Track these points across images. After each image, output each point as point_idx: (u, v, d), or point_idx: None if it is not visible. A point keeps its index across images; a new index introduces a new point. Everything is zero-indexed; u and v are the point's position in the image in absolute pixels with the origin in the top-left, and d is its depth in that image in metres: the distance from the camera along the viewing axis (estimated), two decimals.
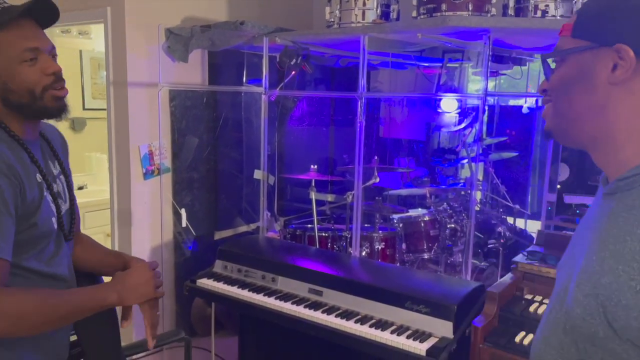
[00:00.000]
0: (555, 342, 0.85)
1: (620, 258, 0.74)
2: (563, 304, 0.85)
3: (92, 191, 4.11)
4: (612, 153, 0.83)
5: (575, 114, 0.85)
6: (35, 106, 1.21)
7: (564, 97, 0.86)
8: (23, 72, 1.18)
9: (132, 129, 2.83)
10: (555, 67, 0.88)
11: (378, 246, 2.81)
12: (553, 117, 0.89)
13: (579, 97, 0.83)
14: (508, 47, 2.89)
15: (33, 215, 1.21)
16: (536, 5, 2.32)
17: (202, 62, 3.14)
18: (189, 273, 2.90)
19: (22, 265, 1.23)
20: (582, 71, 0.83)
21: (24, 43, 1.17)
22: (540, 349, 0.89)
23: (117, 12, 2.77)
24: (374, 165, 2.91)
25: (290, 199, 3.72)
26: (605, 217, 0.81)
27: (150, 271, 1.42)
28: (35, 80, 1.19)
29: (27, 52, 1.18)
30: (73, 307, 1.23)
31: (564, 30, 0.87)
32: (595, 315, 0.76)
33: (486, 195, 3.40)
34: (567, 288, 0.84)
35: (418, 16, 2.40)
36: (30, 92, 1.19)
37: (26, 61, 1.18)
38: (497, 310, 1.90)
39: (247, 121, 3.39)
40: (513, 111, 3.66)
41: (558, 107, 0.88)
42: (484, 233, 3.05)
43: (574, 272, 0.84)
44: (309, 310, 2.09)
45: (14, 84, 1.18)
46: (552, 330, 0.87)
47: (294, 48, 2.74)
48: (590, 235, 0.84)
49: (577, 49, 0.83)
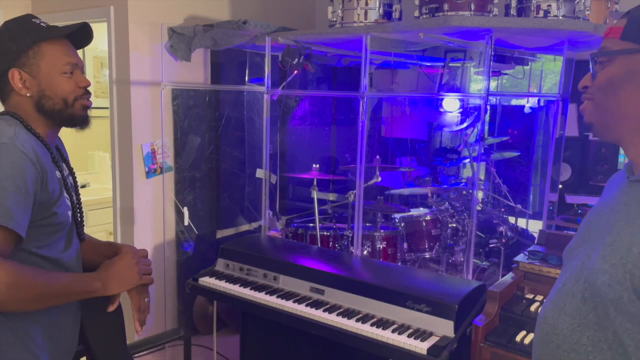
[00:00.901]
0: (571, 309, 0.94)
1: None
2: (580, 278, 0.94)
3: (95, 189, 4.12)
4: None
5: (620, 111, 0.93)
6: (65, 113, 1.37)
7: (611, 95, 0.94)
8: (61, 82, 1.35)
9: (135, 128, 2.84)
10: (598, 66, 0.96)
11: (380, 245, 2.81)
12: (595, 112, 0.98)
13: (626, 94, 0.92)
14: (510, 47, 2.89)
15: (54, 205, 1.31)
16: (538, 5, 2.32)
17: (204, 61, 3.15)
18: (191, 271, 2.92)
19: (40, 253, 1.31)
20: (630, 71, 0.91)
21: (65, 58, 1.35)
22: (554, 317, 0.97)
23: (120, 11, 2.78)
24: (375, 164, 2.92)
25: (292, 198, 3.73)
26: (636, 201, 0.90)
27: (133, 259, 1.46)
28: (70, 91, 1.36)
29: (67, 66, 1.35)
30: (60, 288, 1.29)
31: (611, 33, 0.95)
32: (622, 281, 0.84)
33: (488, 195, 3.41)
34: (586, 264, 0.93)
35: (420, 16, 2.41)
36: (64, 100, 1.36)
37: (65, 73, 1.35)
38: (498, 309, 1.91)
39: (249, 120, 3.40)
40: (515, 111, 3.66)
41: (603, 103, 0.96)
42: (486, 233, 3.05)
43: (594, 250, 0.93)
44: (310, 308, 2.10)
45: (51, 92, 1.34)
46: (566, 301, 0.95)
47: (296, 47, 2.75)
48: (614, 217, 0.92)
49: (627, 50, 0.91)
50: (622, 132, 0.96)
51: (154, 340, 2.11)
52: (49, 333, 1.36)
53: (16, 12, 3.17)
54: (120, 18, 2.78)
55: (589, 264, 0.93)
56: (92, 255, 1.56)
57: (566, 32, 2.33)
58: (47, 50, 1.33)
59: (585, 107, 1.00)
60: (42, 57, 1.32)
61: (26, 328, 1.30)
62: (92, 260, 1.56)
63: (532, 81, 3.62)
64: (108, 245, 1.59)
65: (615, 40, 0.94)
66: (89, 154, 4.32)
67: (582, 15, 2.34)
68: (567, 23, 2.29)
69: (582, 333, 0.92)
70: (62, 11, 3.07)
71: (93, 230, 3.70)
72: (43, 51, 1.32)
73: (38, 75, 1.32)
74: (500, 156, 3.34)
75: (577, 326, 0.92)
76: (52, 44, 1.34)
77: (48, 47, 1.33)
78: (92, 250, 1.57)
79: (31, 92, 1.33)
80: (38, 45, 1.32)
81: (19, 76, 1.31)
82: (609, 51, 0.95)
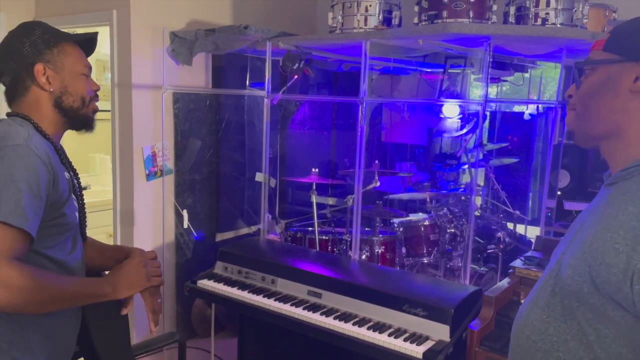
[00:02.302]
0: (542, 302, 1.00)
1: (610, 228, 0.89)
2: (552, 274, 1.01)
3: (96, 191, 4.14)
4: (621, 149, 0.98)
5: (598, 115, 1.00)
6: (80, 112, 1.44)
7: (590, 102, 1.01)
8: (81, 82, 1.43)
9: (136, 131, 2.86)
10: (583, 76, 1.04)
11: (378, 250, 2.83)
12: (575, 120, 1.05)
13: (604, 100, 0.99)
14: (509, 54, 2.91)
15: (63, 206, 1.35)
16: (537, 14, 2.34)
17: (205, 65, 3.17)
18: (190, 274, 2.93)
19: (47, 255, 1.33)
20: (609, 79, 0.99)
21: (84, 61, 1.45)
22: (527, 310, 1.04)
23: (122, 15, 2.81)
24: (374, 169, 2.93)
25: (292, 202, 3.74)
26: (603, 202, 0.97)
27: (140, 262, 1.49)
28: (87, 91, 1.45)
29: (85, 68, 1.45)
30: (74, 292, 1.32)
31: (597, 45, 1.03)
32: (582, 274, 0.91)
33: (487, 201, 3.42)
34: (560, 261, 1.00)
35: (419, 22, 2.43)
36: (82, 99, 1.44)
37: (84, 74, 1.44)
38: (494, 314, 1.92)
39: (249, 124, 3.42)
40: (515, 117, 3.68)
41: (583, 111, 1.03)
42: (484, 238, 3.07)
43: (568, 248, 0.99)
44: (307, 312, 2.11)
45: (72, 89, 1.41)
46: (539, 293, 1.03)
47: (297, 52, 2.77)
48: (587, 219, 1.00)
49: (608, 60, 0.99)
50: (599, 136, 1.02)
51: (150, 344, 2.11)
52: (49, 334, 1.37)
53: (19, 15, 3.20)
54: (123, 22, 2.81)
55: (562, 260, 0.99)
56: (100, 259, 1.58)
57: (564, 40, 2.35)
58: (70, 51, 1.41)
59: (569, 115, 1.07)
60: (66, 55, 1.40)
61: (27, 328, 1.31)
62: (102, 264, 1.58)
63: (533, 88, 3.64)
64: (117, 250, 1.62)
65: (599, 52, 1.01)
66: (90, 156, 4.34)
67: (580, 23, 2.36)
68: (565, 31, 2.31)
69: (549, 324, 0.98)
70: (65, 15, 3.10)
71: (93, 232, 3.68)
72: (67, 50, 1.40)
73: (62, 72, 1.39)
74: (499, 162, 3.35)
75: (546, 317, 0.99)
76: (73, 46, 1.42)
77: (71, 48, 1.41)
78: (100, 254, 1.59)
79: (54, 88, 1.38)
80: (62, 45, 1.39)
81: (43, 71, 1.36)
82: (591, 60, 1.03)
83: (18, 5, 3.19)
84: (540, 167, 3.47)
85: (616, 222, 0.89)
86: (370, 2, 2.53)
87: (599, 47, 1.02)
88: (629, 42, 0.97)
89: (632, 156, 0.97)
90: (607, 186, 1.01)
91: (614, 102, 0.98)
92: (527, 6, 2.37)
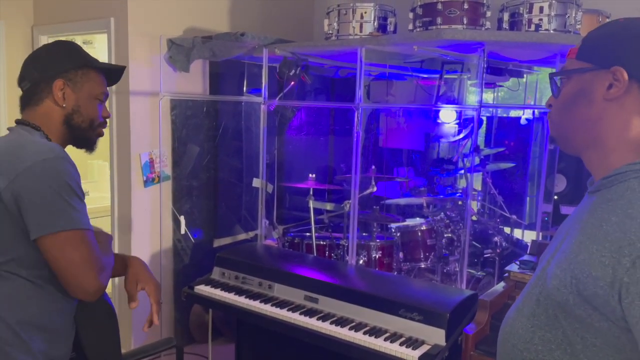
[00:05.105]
0: (527, 311, 1.00)
1: (595, 240, 0.88)
2: (538, 282, 1.00)
3: (94, 198, 4.15)
4: (602, 158, 0.98)
5: (575, 124, 1.00)
6: (87, 133, 1.51)
7: (566, 111, 1.01)
8: (94, 106, 1.50)
9: (134, 137, 2.87)
10: (561, 85, 1.04)
11: (375, 255, 2.83)
12: (555, 127, 1.05)
13: (579, 110, 0.98)
14: (504, 60, 2.93)
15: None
16: (530, 20, 2.36)
17: (203, 72, 3.19)
18: (187, 280, 2.93)
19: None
20: (583, 89, 0.98)
21: (102, 88, 1.52)
22: (512, 318, 1.04)
23: (120, 22, 2.83)
24: (371, 174, 2.94)
25: (289, 208, 3.75)
26: (587, 210, 0.96)
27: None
28: (97, 116, 1.52)
29: (102, 95, 1.52)
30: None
31: (571, 53, 1.01)
32: (568, 285, 0.90)
33: (483, 206, 3.43)
34: (545, 269, 0.99)
35: (414, 29, 2.45)
36: (92, 121, 1.50)
37: (98, 99, 1.51)
38: (489, 318, 1.93)
39: (246, 130, 3.43)
40: (511, 122, 3.70)
41: (560, 119, 1.03)
42: (481, 243, 3.08)
43: (553, 257, 0.98)
44: (304, 317, 2.12)
45: (84, 110, 1.48)
46: (525, 302, 1.02)
47: (293, 59, 2.79)
48: (571, 227, 0.99)
49: (580, 70, 0.98)
50: (579, 145, 1.02)
51: (147, 350, 2.11)
52: (49, 337, 1.39)
53: (18, 23, 3.22)
54: (121, 29, 2.83)
55: (547, 269, 0.98)
56: None
57: (557, 46, 2.37)
58: (93, 77, 1.49)
59: (549, 125, 1.08)
60: (87, 79, 1.47)
61: (28, 331, 1.33)
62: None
63: (529, 93, 3.66)
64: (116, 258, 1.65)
65: (572, 60, 1.00)
66: (89, 162, 4.36)
67: (573, 29, 2.38)
68: (558, 37, 2.33)
69: (534, 333, 0.97)
70: (64, 22, 3.12)
71: None
72: (90, 75, 1.48)
73: (79, 93, 1.46)
74: (496, 167, 3.37)
75: (531, 327, 0.98)
76: (98, 73, 1.50)
77: (94, 74, 1.49)
78: None
79: (67, 105, 1.44)
80: (88, 69, 1.47)
81: (61, 86, 1.43)
82: (563, 71, 1.02)
83: (17, 13, 3.21)
84: (537, 171, 3.49)
85: (601, 233, 0.88)
86: (365, 9, 2.56)
87: (573, 56, 1.01)
88: (600, 49, 0.96)
89: (613, 164, 0.96)
90: (590, 193, 1.00)
91: (590, 111, 0.97)
92: (521, 12, 2.40)
